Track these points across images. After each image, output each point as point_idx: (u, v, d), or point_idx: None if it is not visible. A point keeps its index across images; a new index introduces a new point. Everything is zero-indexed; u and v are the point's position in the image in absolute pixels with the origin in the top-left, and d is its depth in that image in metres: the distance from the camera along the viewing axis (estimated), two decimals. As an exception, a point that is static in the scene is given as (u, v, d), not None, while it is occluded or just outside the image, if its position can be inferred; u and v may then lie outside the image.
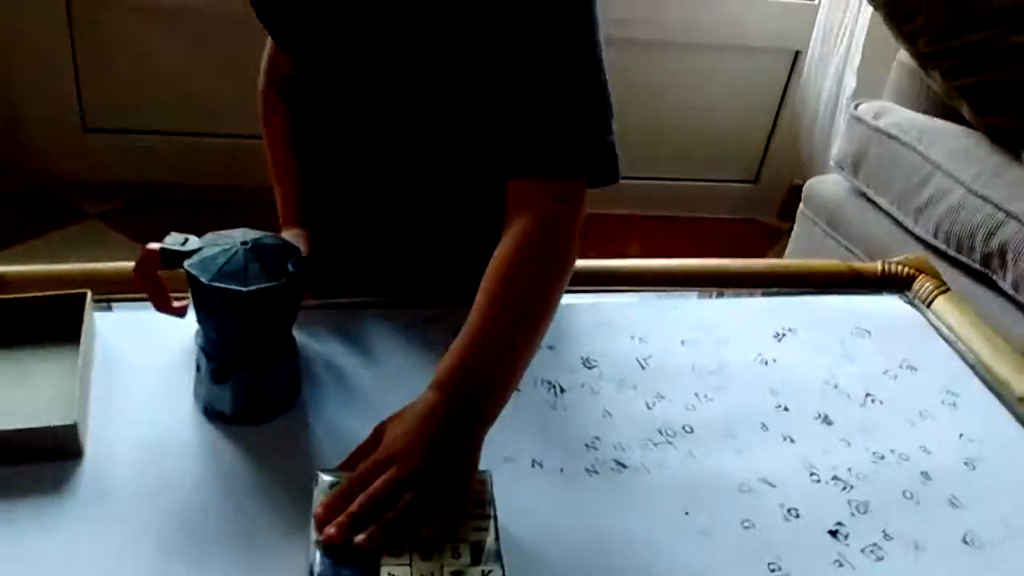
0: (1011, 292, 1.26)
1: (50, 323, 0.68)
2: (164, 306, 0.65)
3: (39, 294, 0.69)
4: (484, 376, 0.59)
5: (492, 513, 0.55)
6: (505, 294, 0.60)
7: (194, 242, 0.60)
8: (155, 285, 0.63)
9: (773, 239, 2.16)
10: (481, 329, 0.59)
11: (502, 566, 0.52)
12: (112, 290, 0.73)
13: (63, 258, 1.70)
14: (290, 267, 0.59)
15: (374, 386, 0.69)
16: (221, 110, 1.89)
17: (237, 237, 0.60)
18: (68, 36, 1.79)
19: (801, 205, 1.61)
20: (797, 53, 2.08)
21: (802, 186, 2.07)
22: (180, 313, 0.65)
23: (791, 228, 1.71)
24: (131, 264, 0.65)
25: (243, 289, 0.57)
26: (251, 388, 0.62)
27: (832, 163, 1.55)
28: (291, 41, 0.77)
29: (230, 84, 1.87)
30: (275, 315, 0.61)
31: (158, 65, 1.85)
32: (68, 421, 0.58)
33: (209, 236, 0.61)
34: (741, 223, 2.19)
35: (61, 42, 1.79)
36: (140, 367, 0.67)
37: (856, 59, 1.78)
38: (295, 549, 0.54)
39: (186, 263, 0.59)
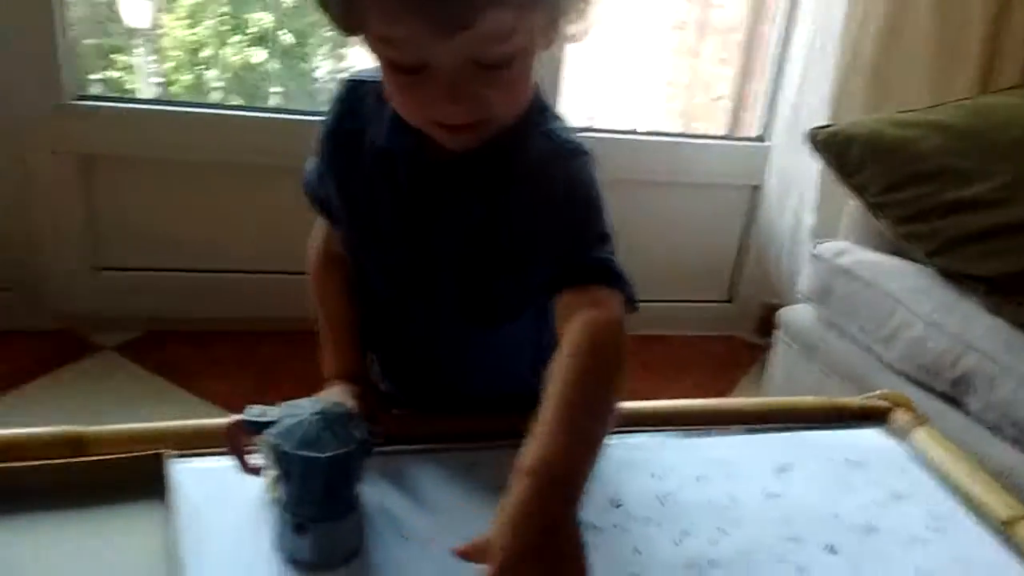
0: (978, 415, 1.37)
1: (129, 481, 0.73)
2: (247, 468, 0.72)
3: (119, 455, 0.75)
4: (569, 460, 0.62)
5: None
6: (575, 387, 0.66)
7: (271, 413, 0.68)
8: (241, 450, 0.70)
9: (755, 354, 2.28)
10: (559, 419, 0.64)
11: None
12: (184, 446, 0.79)
13: (84, 390, 1.77)
14: (356, 434, 0.68)
15: (427, 526, 0.75)
16: (221, 249, 1.99)
17: (307, 408, 0.68)
18: (84, 183, 1.90)
19: (778, 331, 1.73)
20: (755, 187, 2.26)
21: (776, 305, 2.23)
22: (258, 472, 0.72)
23: (770, 342, 1.86)
24: (197, 421, 0.74)
25: (321, 456, 0.65)
26: (328, 538, 0.68)
27: (801, 295, 1.68)
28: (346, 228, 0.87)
29: (229, 226, 1.99)
30: (347, 475, 0.68)
31: (164, 209, 1.96)
32: (162, 578, 0.63)
33: (283, 407, 0.69)
34: (721, 340, 2.32)
35: (76, 189, 1.90)
36: (219, 521, 0.73)
37: (812, 198, 1.94)
38: None
39: (267, 434, 0.66)
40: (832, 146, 1.54)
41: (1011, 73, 1.82)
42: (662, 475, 0.88)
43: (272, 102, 2.08)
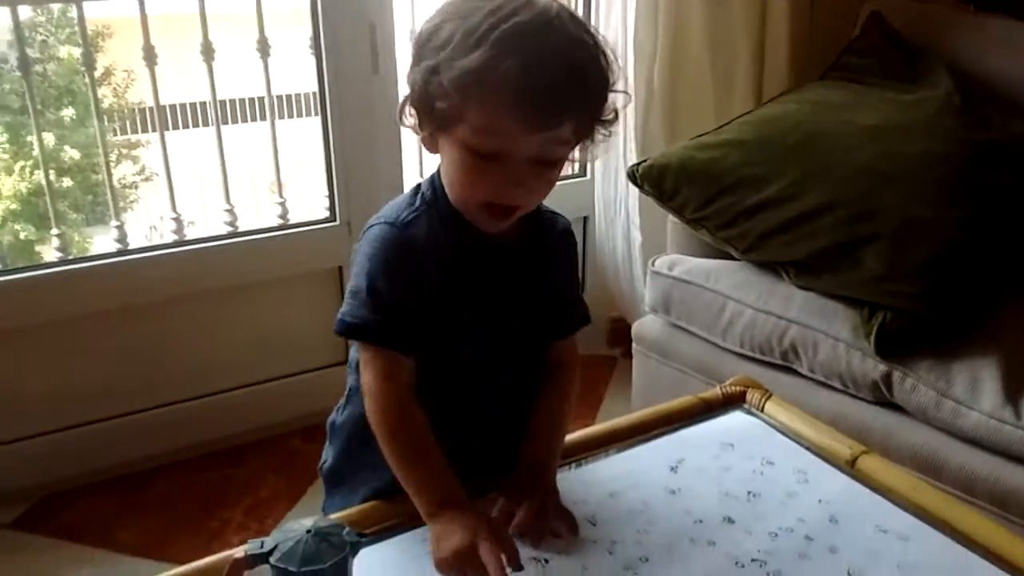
0: (809, 374, 1.64)
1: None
2: (254, 598, 0.82)
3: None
4: (556, 454, 1.05)
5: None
6: (562, 407, 1.07)
7: (268, 542, 0.79)
8: (245, 583, 0.81)
9: (611, 364, 2.52)
10: (552, 426, 1.05)
11: None
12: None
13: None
14: (347, 537, 0.80)
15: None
16: (92, 398, 1.99)
17: (300, 529, 0.80)
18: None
19: (634, 344, 1.95)
20: (586, 218, 2.50)
21: (620, 317, 2.46)
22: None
23: (620, 352, 2.22)
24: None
25: (323, 567, 0.77)
26: (337, 633, 0.80)
27: (647, 308, 1.91)
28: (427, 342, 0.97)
29: (96, 376, 1.99)
30: (345, 575, 0.81)
31: (23, 376, 1.94)
32: None
33: (276, 534, 0.80)
34: (585, 360, 2.50)
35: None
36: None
37: (636, 220, 2.19)
38: None
39: (272, 560, 0.77)
40: (649, 178, 1.78)
41: (775, 86, 2.15)
42: (583, 500, 1.05)
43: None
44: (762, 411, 1.24)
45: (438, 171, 0.99)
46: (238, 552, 0.80)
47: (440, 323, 0.98)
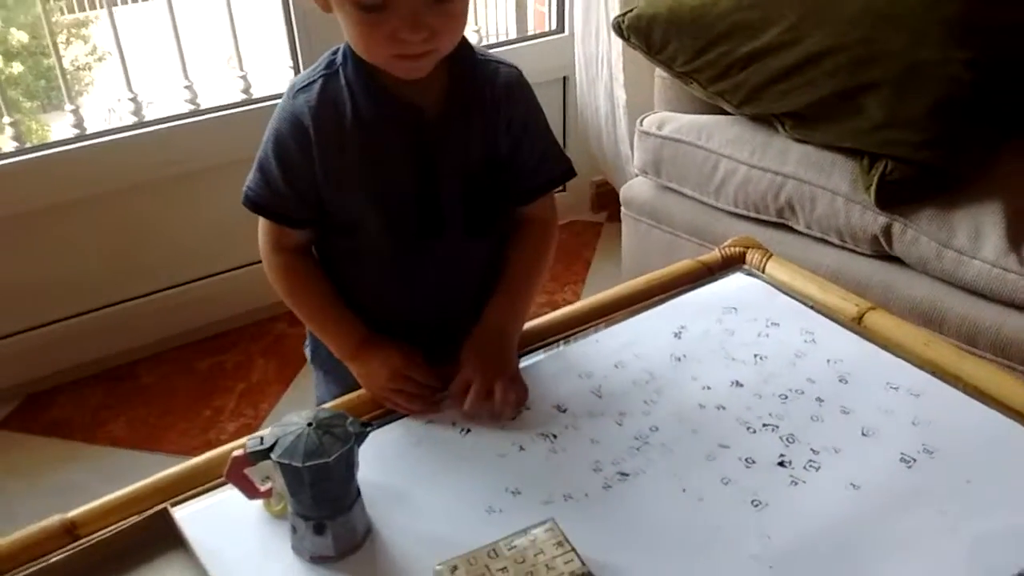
0: (806, 231, 1.59)
1: (144, 544, 0.79)
2: (254, 494, 0.79)
3: (121, 525, 0.79)
4: (521, 314, 1.02)
5: (571, 547, 0.74)
6: (528, 264, 1.03)
7: (268, 438, 0.75)
8: (245, 480, 0.77)
9: (596, 229, 2.47)
10: (513, 285, 1.02)
11: (598, 581, 0.71)
12: (177, 493, 0.85)
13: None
14: (351, 428, 0.76)
15: (414, 489, 0.86)
16: (67, 293, 1.93)
17: (300, 421, 0.76)
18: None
19: (623, 209, 1.89)
20: (565, 78, 2.39)
21: (604, 181, 2.40)
22: (267, 495, 0.80)
23: (608, 216, 2.28)
24: (174, 470, 0.83)
25: (329, 460, 0.73)
26: (346, 528, 0.77)
27: (636, 170, 1.84)
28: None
29: (72, 268, 1.92)
30: (351, 468, 0.77)
31: (1, 271, 1.86)
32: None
33: (275, 429, 0.76)
34: (568, 226, 2.48)
35: None
36: (235, 549, 0.80)
37: (620, 77, 2.09)
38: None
39: (274, 456, 0.74)
40: (636, 29, 1.67)
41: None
42: (588, 373, 1.02)
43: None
44: (763, 272, 1.20)
45: None
46: (237, 450, 0.76)
47: (347, 195, 0.95)
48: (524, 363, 1.02)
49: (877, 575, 0.76)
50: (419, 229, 0.97)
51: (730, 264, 1.22)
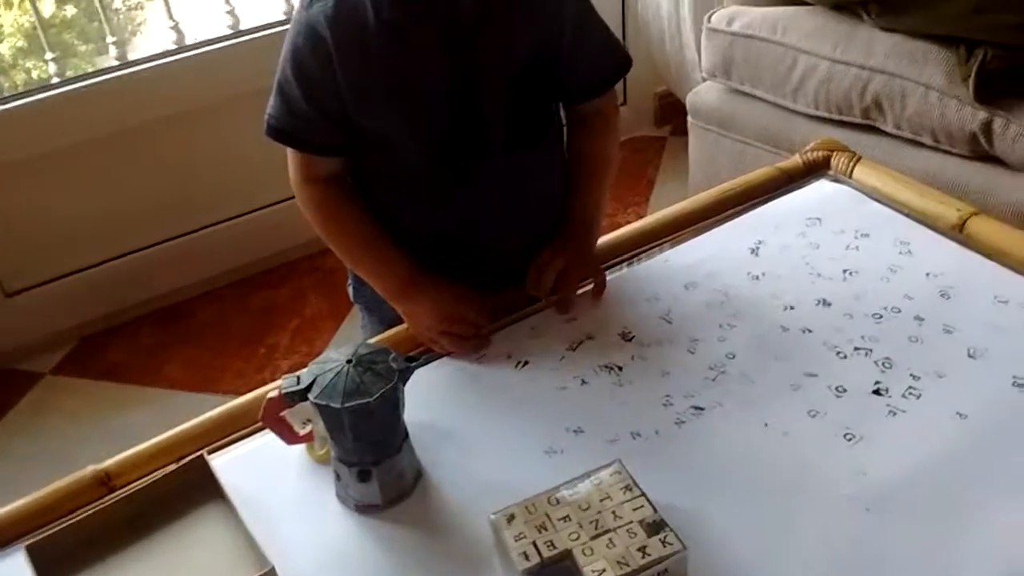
0: (895, 132, 1.45)
1: (183, 491, 0.74)
2: (293, 439, 0.73)
3: (159, 473, 0.75)
4: (601, 205, 0.98)
5: (641, 492, 0.66)
6: (600, 151, 0.98)
7: (306, 376, 0.69)
8: (282, 424, 0.71)
9: (660, 144, 2.33)
10: (588, 173, 0.97)
11: (671, 528, 0.64)
12: (215, 439, 0.80)
13: (43, 425, 1.70)
14: (394, 365, 0.69)
15: (467, 430, 0.80)
16: (124, 230, 1.90)
17: (339, 358, 0.69)
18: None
19: (689, 118, 1.76)
20: (626, -21, 2.22)
21: (667, 92, 2.25)
22: (308, 439, 0.74)
23: (672, 129, 2.10)
24: (205, 417, 0.79)
25: (370, 400, 0.66)
26: (392, 474, 0.71)
27: (703, 74, 1.70)
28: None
29: (124, 204, 1.89)
30: (396, 408, 0.70)
31: (45, 211, 1.84)
32: (265, 568, 0.65)
33: (313, 367, 0.69)
34: (629, 142, 2.35)
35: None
36: (276, 498, 0.75)
37: (683, -27, 1.92)
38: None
39: (312, 397, 0.67)
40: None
41: None
42: (656, 296, 0.93)
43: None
44: (850, 177, 1.08)
45: None
46: (272, 391, 0.70)
47: (376, 110, 0.85)
48: (584, 288, 0.94)
49: (988, 516, 0.68)
50: (458, 143, 0.87)
51: (813, 170, 1.11)
